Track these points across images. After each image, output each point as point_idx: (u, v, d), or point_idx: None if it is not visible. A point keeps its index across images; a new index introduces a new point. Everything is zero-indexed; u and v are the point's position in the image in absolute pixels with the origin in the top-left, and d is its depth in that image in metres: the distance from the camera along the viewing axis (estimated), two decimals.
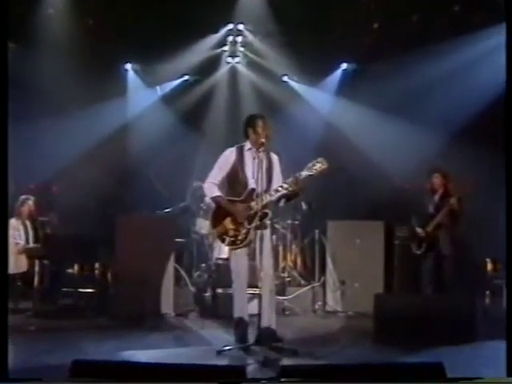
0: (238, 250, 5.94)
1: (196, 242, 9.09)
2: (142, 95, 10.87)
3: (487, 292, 8.39)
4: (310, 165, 5.66)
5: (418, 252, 8.18)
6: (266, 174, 5.88)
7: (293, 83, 10.96)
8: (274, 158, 6.14)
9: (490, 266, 8.57)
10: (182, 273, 8.62)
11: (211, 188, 6.04)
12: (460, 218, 7.94)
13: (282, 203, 6.04)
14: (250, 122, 6.04)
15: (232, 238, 5.93)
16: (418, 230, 8.19)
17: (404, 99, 9.43)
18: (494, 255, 8.37)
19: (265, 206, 5.85)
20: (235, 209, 5.91)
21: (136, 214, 8.92)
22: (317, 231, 9.04)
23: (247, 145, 6.05)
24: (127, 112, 10.64)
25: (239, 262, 5.96)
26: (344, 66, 10.66)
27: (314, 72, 10.35)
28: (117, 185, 10.28)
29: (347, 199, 9.61)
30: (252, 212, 5.86)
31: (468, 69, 9.02)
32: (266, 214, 5.88)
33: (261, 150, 5.88)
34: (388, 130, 9.70)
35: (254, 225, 5.81)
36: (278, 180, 6.03)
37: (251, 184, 5.92)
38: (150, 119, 10.58)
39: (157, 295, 7.80)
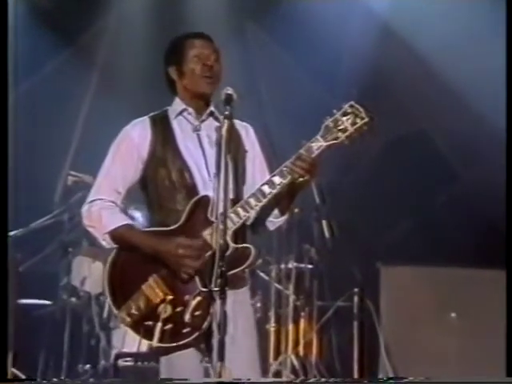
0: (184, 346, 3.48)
1: (71, 310, 6.22)
2: None
3: None
4: (330, 122, 3.22)
5: None
6: (232, 164, 3.43)
7: None
8: (245, 130, 3.70)
9: None
10: None
11: (105, 212, 3.44)
12: None
13: (277, 219, 3.50)
14: (177, 53, 3.49)
15: (170, 325, 3.29)
16: None
17: None
18: None
19: (238, 235, 3.34)
20: (171, 249, 3.27)
21: None
22: (356, 290, 6.04)
23: (176, 105, 3.50)
24: None
25: (182, 366, 3.33)
26: None
27: None
28: None
29: (420, 214, 6.80)
30: (211, 252, 3.30)
31: None
32: (246, 254, 3.31)
33: (208, 113, 3.51)
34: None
35: (218, 283, 3.12)
36: (258, 174, 3.60)
37: (201, 188, 3.41)
38: None
39: None
